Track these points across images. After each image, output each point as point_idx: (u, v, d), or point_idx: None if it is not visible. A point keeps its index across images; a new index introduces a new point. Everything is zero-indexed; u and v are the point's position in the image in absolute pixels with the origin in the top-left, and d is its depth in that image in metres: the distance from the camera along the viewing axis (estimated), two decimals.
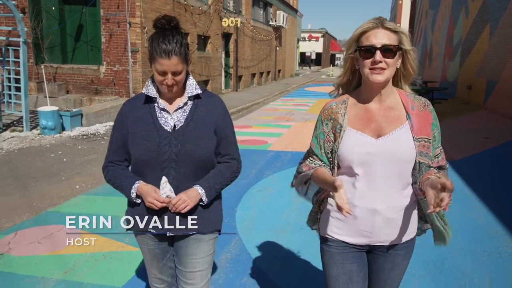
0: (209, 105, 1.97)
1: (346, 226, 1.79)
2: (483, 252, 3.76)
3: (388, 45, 1.64)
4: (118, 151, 1.99)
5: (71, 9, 12.05)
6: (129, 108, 1.98)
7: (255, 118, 12.20)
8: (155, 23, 1.84)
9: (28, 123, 8.61)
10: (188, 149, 1.88)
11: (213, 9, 16.66)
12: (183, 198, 1.86)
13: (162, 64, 1.80)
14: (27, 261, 3.50)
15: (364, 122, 1.76)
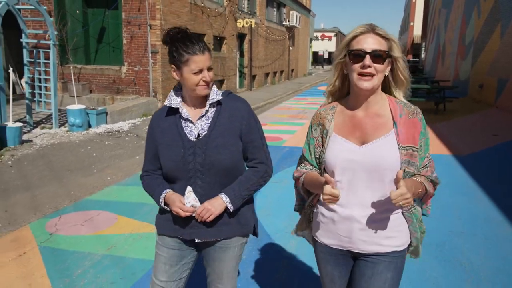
0: (232, 111, 1.97)
1: (327, 230, 1.82)
2: (482, 235, 4.13)
3: (378, 51, 1.64)
4: (151, 160, 2.04)
5: (94, 12, 12.62)
6: (156, 120, 2.03)
7: (270, 116, 12.62)
8: (168, 36, 1.88)
9: (57, 121, 9.16)
10: (211, 158, 1.89)
11: (229, 10, 17.12)
12: (207, 207, 1.88)
13: (198, 61, 1.83)
14: (73, 239, 3.99)
15: (349, 129, 1.76)
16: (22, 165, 6.47)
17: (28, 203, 4.91)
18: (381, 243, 1.74)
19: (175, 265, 2.04)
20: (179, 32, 1.86)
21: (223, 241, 2.00)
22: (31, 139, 8.06)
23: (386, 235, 1.73)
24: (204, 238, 1.98)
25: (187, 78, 1.86)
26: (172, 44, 1.86)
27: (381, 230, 1.73)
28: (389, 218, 1.73)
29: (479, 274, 3.37)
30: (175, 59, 1.86)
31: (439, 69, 27.22)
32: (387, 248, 1.74)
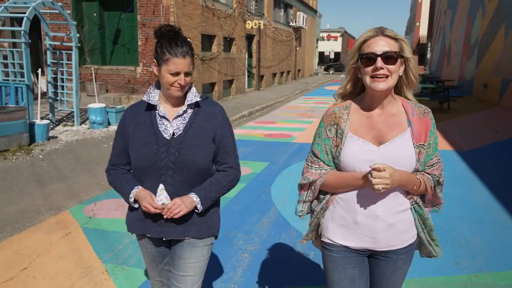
0: (208, 114, 2.00)
1: (347, 231, 1.82)
2: (478, 220, 4.55)
3: (389, 52, 1.66)
4: (120, 155, 2.03)
5: (110, 15, 13.13)
6: (131, 114, 2.02)
7: (279, 115, 13.06)
8: (159, 31, 1.89)
9: (78, 119, 9.65)
10: (185, 157, 1.91)
11: (238, 12, 17.57)
12: (178, 203, 1.89)
13: (177, 64, 1.84)
14: (110, 222, 4.45)
15: (365, 128, 1.77)
16: (52, 158, 6.95)
17: (64, 192, 5.39)
18: (401, 238, 1.80)
19: (160, 263, 2.13)
20: (170, 31, 1.88)
21: (191, 239, 2.02)
22: (56, 135, 8.56)
23: (404, 229, 1.80)
24: (171, 237, 1.99)
25: (163, 76, 1.88)
26: (160, 39, 1.89)
27: (401, 227, 1.78)
28: (405, 214, 1.79)
29: (474, 251, 3.80)
30: (158, 54, 1.89)
31: (444, 69, 27.51)
32: (406, 242, 1.82)
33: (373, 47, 1.67)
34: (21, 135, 7.39)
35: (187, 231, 1.99)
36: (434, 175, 1.77)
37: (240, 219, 4.54)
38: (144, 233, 2.03)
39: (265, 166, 6.76)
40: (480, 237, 4.10)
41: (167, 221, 1.94)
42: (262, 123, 11.43)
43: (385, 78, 1.66)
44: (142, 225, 2.01)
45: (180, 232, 1.99)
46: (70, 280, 3.27)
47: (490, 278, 3.32)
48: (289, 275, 3.38)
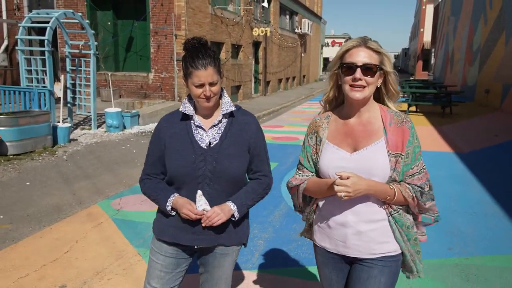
0: (243, 124, 2.04)
1: (325, 234, 1.91)
2: (472, 213, 4.96)
3: (369, 64, 1.70)
4: (154, 164, 2.05)
5: (123, 24, 13.69)
6: (166, 123, 2.05)
7: (286, 119, 13.53)
8: (186, 45, 1.93)
9: (95, 122, 10.16)
10: (222, 167, 1.95)
11: (245, 20, 18.10)
12: (217, 211, 1.92)
13: (199, 76, 1.87)
14: (137, 214, 4.91)
15: (342, 136, 1.82)
16: (75, 159, 7.44)
17: (90, 188, 5.85)
18: (374, 248, 1.81)
19: (170, 272, 2.09)
20: (195, 44, 1.92)
21: (222, 247, 2.05)
22: (75, 138, 9.05)
23: (378, 240, 1.80)
24: (203, 244, 2.03)
25: (190, 89, 1.94)
26: (184, 55, 1.94)
27: (373, 236, 1.79)
28: (380, 224, 1.80)
29: (466, 238, 4.22)
30: (183, 69, 1.95)
31: (448, 74, 27.89)
32: (380, 253, 1.81)
33: (354, 57, 1.72)
34: (46, 137, 7.89)
35: (219, 238, 2.02)
36: (415, 185, 1.76)
37: (254, 211, 4.95)
38: (175, 241, 2.04)
39: (274, 166, 7.20)
40: (472, 227, 4.52)
41: (203, 229, 1.97)
42: (269, 127, 11.88)
43: (362, 88, 1.72)
44: (174, 233, 2.03)
45: (212, 239, 2.02)
46: (108, 261, 3.72)
47: (479, 260, 3.75)
48: (300, 258, 3.81)
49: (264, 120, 13.47)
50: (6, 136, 7.17)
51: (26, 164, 6.97)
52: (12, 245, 4.05)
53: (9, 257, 3.80)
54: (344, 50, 1.76)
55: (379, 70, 1.74)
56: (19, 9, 13.90)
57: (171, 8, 12.71)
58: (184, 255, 2.11)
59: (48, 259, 3.75)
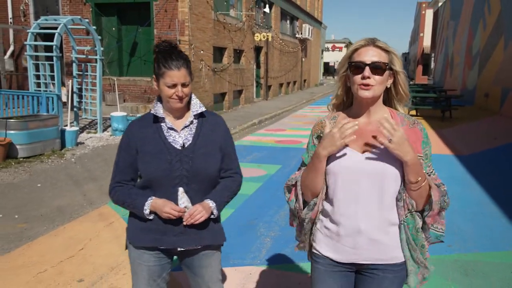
0: (213, 124, 2.09)
1: (331, 242, 1.81)
2: (472, 213, 5.13)
3: (378, 62, 1.67)
4: (125, 170, 2.03)
5: (127, 29, 13.90)
6: (136, 128, 2.04)
7: (288, 123, 13.71)
8: (157, 48, 1.95)
9: (101, 126, 10.33)
10: (198, 166, 1.97)
11: (247, 25, 18.33)
12: (199, 209, 1.93)
13: (172, 76, 1.89)
14: None
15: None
16: (83, 162, 7.61)
17: (99, 190, 6.02)
18: (386, 253, 1.76)
19: (158, 278, 2.09)
20: (167, 47, 1.94)
21: (206, 247, 2.07)
22: (82, 141, 9.23)
23: (390, 246, 1.76)
24: (187, 246, 2.01)
25: (162, 90, 1.94)
26: (157, 56, 1.95)
27: (387, 242, 1.75)
28: (392, 228, 1.75)
29: (465, 236, 4.39)
30: (155, 70, 1.95)
31: (447, 78, 28.09)
32: (394, 259, 1.76)
33: (363, 56, 1.69)
34: (54, 141, 8.06)
35: (203, 239, 2.03)
36: (438, 183, 1.76)
37: (260, 211, 5.15)
38: (156, 245, 2.01)
39: (278, 168, 7.37)
40: (472, 226, 4.68)
41: (184, 228, 1.97)
42: (272, 130, 12.06)
43: (371, 87, 1.68)
44: (154, 237, 2.00)
45: (196, 240, 2.02)
46: (121, 258, 3.88)
47: (478, 257, 3.91)
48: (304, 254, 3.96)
49: (266, 124, 13.65)
50: (17, 140, 7.35)
51: (36, 166, 7.14)
52: (29, 243, 4.22)
53: (27, 254, 3.96)
54: (353, 50, 1.74)
55: (388, 69, 1.71)
56: (25, 15, 14.13)
57: (175, 14, 12.92)
58: (167, 259, 2.10)
59: (64, 256, 3.92)
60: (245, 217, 4.95)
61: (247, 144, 9.80)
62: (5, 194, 5.75)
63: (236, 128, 11.85)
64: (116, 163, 2.07)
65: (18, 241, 4.28)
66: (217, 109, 15.60)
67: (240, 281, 3.47)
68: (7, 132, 7.28)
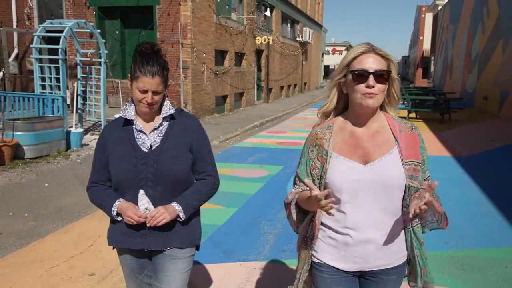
0: (184, 126, 2.06)
1: (338, 252, 1.77)
2: (469, 212, 5.26)
3: (381, 71, 1.64)
4: (100, 171, 2.05)
5: (130, 32, 14.08)
6: (109, 130, 2.06)
7: (289, 125, 13.86)
8: (139, 48, 1.93)
9: None
10: (164, 168, 1.95)
11: (248, 28, 18.52)
12: (161, 211, 1.92)
13: (145, 83, 1.88)
14: None
15: (350, 148, 1.73)
16: (88, 162, 7.74)
17: None
18: (393, 257, 1.77)
19: (139, 275, 2.14)
20: (149, 49, 1.93)
21: (172, 249, 2.05)
22: (87, 143, 9.37)
23: (396, 249, 1.77)
24: (153, 247, 2.02)
25: (133, 92, 1.94)
26: (136, 56, 1.93)
27: (394, 246, 1.76)
28: (397, 233, 1.76)
29: (462, 234, 4.53)
30: (131, 70, 1.94)
31: (447, 81, 28.27)
32: (397, 261, 1.79)
33: (364, 64, 1.65)
34: (60, 142, 8.21)
35: (169, 241, 2.02)
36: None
37: (262, 210, 5.29)
38: (125, 246, 2.05)
39: (279, 169, 7.51)
40: (469, 225, 4.82)
41: (149, 230, 1.98)
42: (273, 132, 12.21)
43: (375, 95, 1.65)
44: (123, 239, 2.04)
45: (161, 242, 2.02)
46: None
47: (473, 253, 4.05)
48: None
49: (268, 126, 13.80)
50: (24, 141, 7.49)
51: (42, 167, 7.29)
52: (40, 240, 4.36)
53: (39, 250, 4.10)
54: (352, 57, 1.69)
55: (389, 76, 1.69)
56: (29, 19, 14.30)
57: (177, 17, 13.10)
58: (144, 259, 2.12)
59: (75, 252, 4.06)
60: (249, 216, 5.09)
61: (249, 146, 9.94)
62: (13, 193, 5.89)
63: (238, 130, 12.00)
64: (92, 163, 2.10)
65: (29, 237, 4.42)
66: (218, 111, 15.77)
67: (245, 276, 3.61)
68: (14, 133, 7.43)
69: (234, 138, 11.07)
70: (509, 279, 3.55)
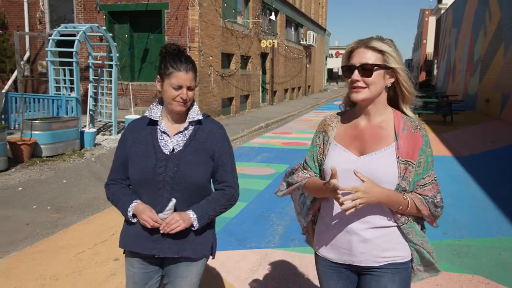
0: (209, 132, 2.02)
1: (328, 243, 1.81)
2: (466, 206, 5.55)
3: (365, 64, 1.64)
4: (119, 169, 2.02)
5: (139, 36, 14.44)
6: (132, 128, 2.03)
7: (294, 127, 14.17)
8: (165, 49, 1.93)
9: (116, 129, 10.82)
10: (183, 173, 1.91)
11: (253, 32, 18.87)
12: (176, 218, 1.87)
13: (179, 78, 1.87)
14: None
15: (350, 138, 1.75)
16: (102, 160, 8.08)
17: None
18: (381, 255, 1.74)
19: (143, 286, 2.06)
20: (175, 49, 1.94)
21: (186, 260, 2.02)
22: (99, 142, 9.71)
23: (384, 247, 1.73)
24: (165, 254, 1.97)
25: (166, 90, 1.91)
26: (164, 56, 1.93)
27: (379, 243, 1.72)
28: (387, 231, 1.73)
29: (460, 225, 4.82)
30: (161, 70, 1.92)
31: (450, 84, 28.52)
32: (387, 260, 1.74)
33: (354, 59, 1.69)
34: (74, 141, 8.55)
35: (181, 250, 1.97)
36: (426, 195, 1.69)
37: (271, 204, 5.59)
38: (136, 250, 1.99)
39: (286, 167, 7.81)
40: (466, 217, 5.11)
41: (163, 237, 1.93)
42: (279, 133, 12.52)
43: (362, 89, 1.67)
44: (135, 242, 1.98)
45: (174, 250, 1.97)
46: None
47: (470, 242, 4.34)
48: None
49: (273, 127, 14.11)
50: (41, 140, 7.83)
51: (59, 164, 7.62)
52: (65, 229, 4.68)
53: (65, 238, 4.42)
54: (347, 53, 1.75)
55: (380, 68, 1.67)
56: (41, 23, 14.70)
57: (185, 21, 13.45)
58: (153, 267, 2.05)
59: (98, 240, 4.37)
60: (258, 209, 5.40)
61: (255, 146, 10.25)
62: (34, 188, 6.22)
63: (244, 131, 12.31)
64: (113, 160, 2.08)
65: (54, 228, 4.73)
66: (225, 113, 16.09)
67: (257, 261, 3.91)
68: (32, 132, 7.76)
69: (241, 139, 11.39)
70: (501, 264, 3.84)
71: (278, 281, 3.55)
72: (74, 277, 3.60)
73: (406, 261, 1.77)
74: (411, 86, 1.72)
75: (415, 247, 1.76)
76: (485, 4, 19.73)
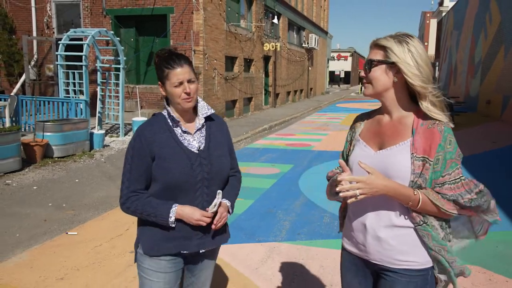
0: (219, 125, 2.11)
1: (350, 236, 1.85)
2: None
3: (368, 61, 1.72)
4: (139, 179, 1.93)
5: (144, 40, 14.71)
6: (150, 133, 1.95)
7: (297, 128, 14.39)
8: (159, 53, 1.95)
9: (123, 130, 11.06)
10: (217, 168, 1.99)
11: (256, 35, 19.13)
12: (224, 213, 1.97)
13: (177, 74, 1.88)
14: None
15: (372, 134, 1.79)
16: (112, 161, 8.32)
17: None
18: (395, 257, 1.69)
19: (173, 286, 2.06)
20: (165, 53, 1.95)
21: (211, 250, 2.09)
22: (107, 144, 9.95)
23: (400, 250, 1.68)
24: (209, 247, 2.04)
25: (170, 92, 1.91)
26: (158, 61, 1.94)
27: (394, 244, 1.68)
28: (402, 231, 1.68)
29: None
30: (159, 75, 1.94)
31: (451, 86, 28.71)
32: (403, 264, 1.69)
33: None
34: (84, 142, 8.79)
35: (220, 238, 2.08)
36: (445, 194, 1.62)
37: (277, 202, 5.81)
38: (180, 250, 1.98)
39: (290, 167, 8.03)
40: None
41: (204, 232, 1.98)
42: (282, 135, 12.73)
43: (367, 84, 1.73)
44: (178, 244, 1.97)
45: (216, 240, 2.06)
46: None
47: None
48: (318, 234, 4.63)
49: (276, 129, 14.33)
50: (52, 141, 8.08)
51: (70, 165, 7.86)
52: (81, 225, 4.90)
53: (82, 233, 4.64)
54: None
55: (380, 64, 1.68)
56: (49, 27, 14.99)
57: (190, 25, 13.71)
58: (181, 265, 2.07)
59: (114, 234, 4.60)
60: (265, 206, 5.61)
61: (260, 147, 10.47)
62: (48, 187, 6.45)
63: (248, 132, 12.54)
64: (128, 171, 1.94)
65: (70, 223, 4.96)
66: (228, 115, 16.33)
67: (265, 253, 4.13)
68: (44, 134, 8.01)
69: (245, 140, 11.62)
70: (496, 255, 4.05)
71: (286, 271, 3.77)
72: (94, 267, 3.82)
73: (423, 268, 1.69)
74: (418, 80, 1.63)
75: (432, 253, 1.67)
76: (485, 7, 19.95)
